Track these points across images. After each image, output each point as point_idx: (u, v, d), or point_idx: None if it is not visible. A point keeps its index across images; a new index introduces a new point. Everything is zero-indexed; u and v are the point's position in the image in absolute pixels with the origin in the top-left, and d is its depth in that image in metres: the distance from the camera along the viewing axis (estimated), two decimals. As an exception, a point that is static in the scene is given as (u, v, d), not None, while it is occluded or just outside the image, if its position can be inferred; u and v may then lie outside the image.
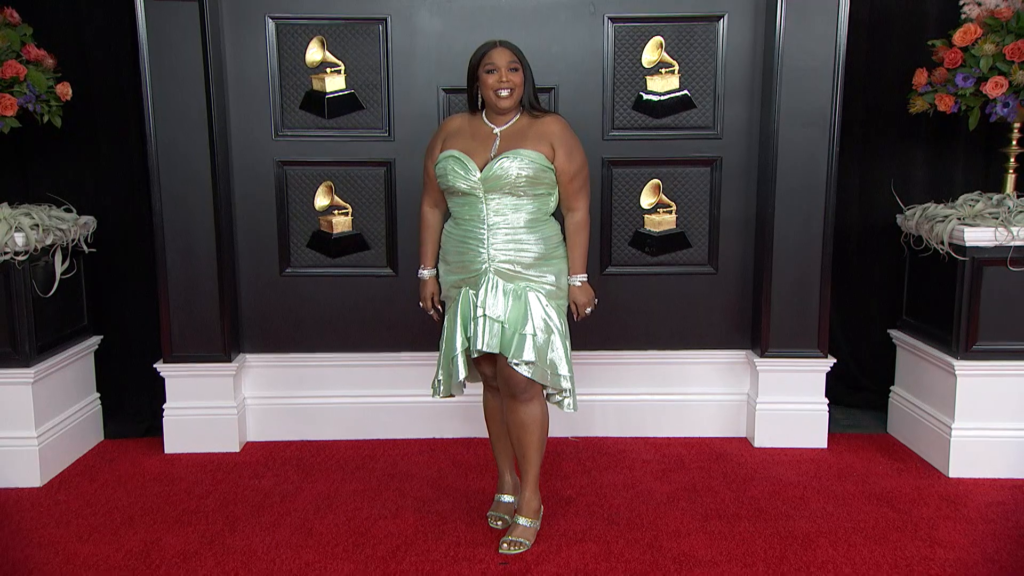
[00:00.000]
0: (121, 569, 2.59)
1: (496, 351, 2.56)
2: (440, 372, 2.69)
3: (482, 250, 2.58)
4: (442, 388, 2.69)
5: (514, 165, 2.52)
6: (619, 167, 3.43)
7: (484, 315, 2.55)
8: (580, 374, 3.24)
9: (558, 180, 2.59)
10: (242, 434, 3.50)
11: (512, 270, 2.58)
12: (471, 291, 2.61)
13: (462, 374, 2.61)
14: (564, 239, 2.66)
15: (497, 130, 2.60)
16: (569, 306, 2.67)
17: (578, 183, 2.61)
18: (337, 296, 3.49)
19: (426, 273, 2.76)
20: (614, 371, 3.53)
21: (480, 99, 2.62)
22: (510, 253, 2.58)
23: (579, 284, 2.66)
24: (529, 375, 2.56)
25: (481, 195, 2.56)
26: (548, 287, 2.61)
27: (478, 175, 2.54)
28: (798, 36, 3.23)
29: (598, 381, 3.49)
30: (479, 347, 2.56)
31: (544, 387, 2.66)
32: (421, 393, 3.41)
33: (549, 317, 2.59)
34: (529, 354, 2.54)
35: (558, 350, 2.59)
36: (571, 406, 2.67)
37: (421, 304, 2.80)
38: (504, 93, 2.55)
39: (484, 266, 2.58)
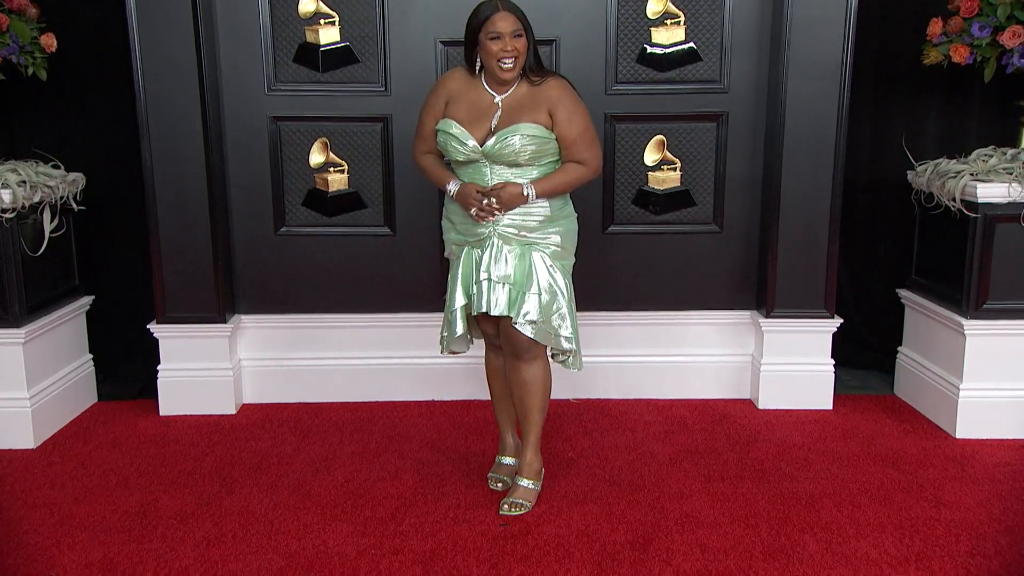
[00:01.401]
0: (117, 530, 2.61)
1: (503, 313, 2.56)
2: (444, 328, 2.73)
3: (486, 199, 2.58)
4: (445, 343, 2.74)
5: (515, 141, 2.53)
6: (622, 123, 3.41)
7: (488, 278, 2.56)
8: (582, 335, 3.13)
9: (560, 144, 2.58)
10: (238, 396, 3.51)
11: (516, 234, 2.59)
12: (474, 251, 2.63)
13: (459, 330, 2.65)
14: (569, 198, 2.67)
15: (499, 99, 2.58)
16: (491, 189, 2.54)
17: (582, 145, 2.57)
18: (334, 256, 3.49)
19: (454, 183, 2.61)
20: (616, 332, 3.54)
21: (478, 63, 2.59)
22: (516, 218, 2.58)
23: (522, 190, 2.52)
24: (532, 335, 2.58)
25: (486, 163, 2.57)
26: (553, 247, 2.62)
27: (480, 149, 2.55)
28: None
29: (600, 342, 3.50)
30: (483, 308, 2.58)
31: (548, 347, 2.67)
32: (420, 354, 3.44)
33: (554, 278, 2.61)
34: (533, 314, 2.55)
35: (562, 310, 2.61)
36: (576, 365, 2.69)
37: (477, 204, 2.52)
38: (508, 64, 2.51)
39: (488, 230, 2.59)
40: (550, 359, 2.73)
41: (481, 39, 2.54)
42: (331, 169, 3.42)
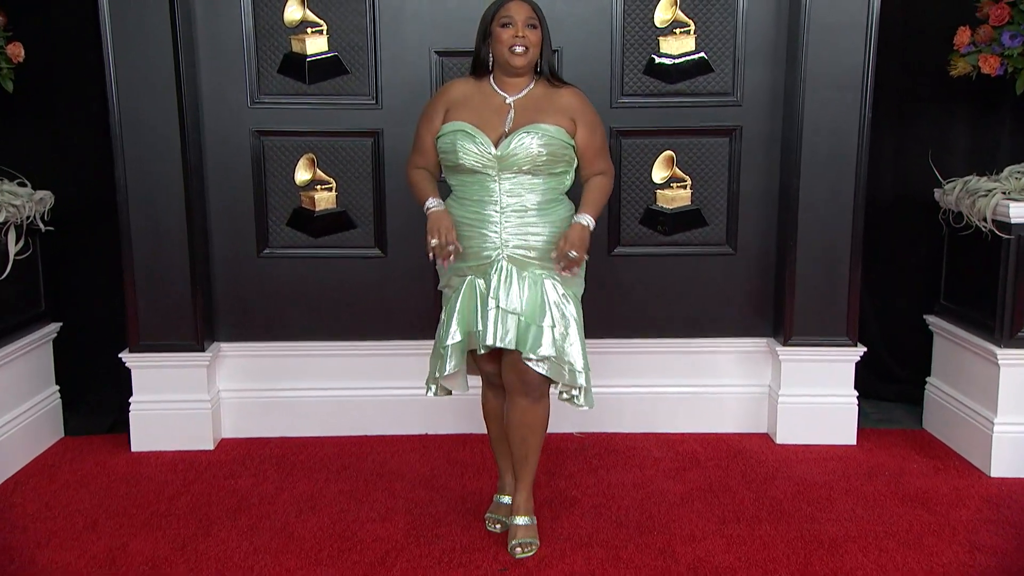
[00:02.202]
0: (83, 577, 2.56)
1: (512, 347, 2.52)
2: (434, 366, 2.67)
3: (494, 235, 2.55)
4: (431, 389, 2.69)
5: (535, 142, 2.50)
6: (629, 137, 3.41)
7: (498, 307, 2.52)
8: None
9: (579, 156, 2.59)
10: (216, 430, 3.49)
11: (525, 256, 2.56)
12: (478, 280, 2.58)
13: (449, 367, 2.58)
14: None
15: (510, 99, 2.57)
16: (558, 247, 2.51)
17: (603, 157, 2.64)
18: (320, 279, 3.48)
19: (436, 202, 2.57)
20: (623, 361, 3.52)
21: (490, 62, 2.58)
22: (523, 238, 2.55)
23: (584, 223, 2.53)
24: (545, 372, 2.55)
25: (495, 173, 2.53)
26: (565, 272, 2.58)
27: (493, 151, 2.51)
28: None
29: (605, 372, 3.43)
30: (490, 342, 2.51)
31: (554, 383, 2.63)
32: (412, 385, 3.34)
33: (565, 306, 2.58)
34: (547, 349, 2.52)
35: (575, 343, 2.58)
36: (588, 402, 2.64)
37: (436, 240, 2.50)
38: (519, 50, 2.51)
39: (496, 253, 2.56)
40: (556, 397, 2.68)
41: (493, 29, 2.54)
42: (318, 187, 3.42)
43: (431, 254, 2.55)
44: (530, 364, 2.53)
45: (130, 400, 3.43)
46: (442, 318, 2.65)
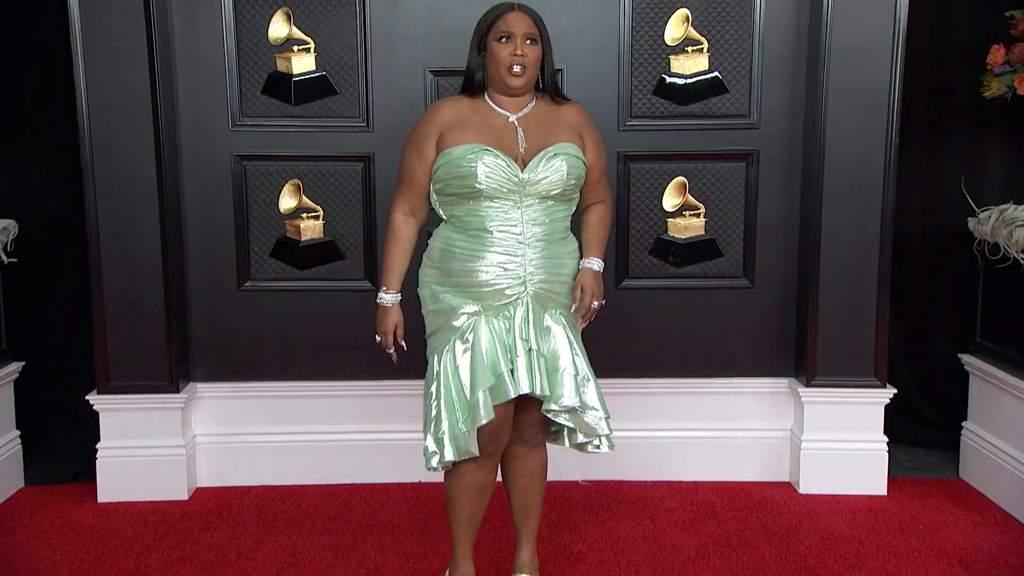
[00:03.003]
0: (41, 645, 2.49)
1: (546, 394, 2.43)
2: (442, 431, 2.43)
3: (517, 268, 2.46)
4: (450, 450, 2.42)
5: (563, 166, 2.44)
6: (637, 162, 3.40)
7: (530, 350, 2.42)
8: None
9: (586, 179, 2.55)
10: (192, 478, 3.44)
11: (549, 291, 2.49)
12: (495, 319, 2.46)
13: (482, 418, 2.38)
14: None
15: (513, 118, 2.49)
16: (576, 298, 2.51)
17: (604, 182, 2.62)
18: (306, 314, 3.46)
19: (389, 298, 2.54)
20: (632, 402, 3.48)
21: (482, 78, 2.50)
22: (550, 271, 2.49)
23: (597, 269, 2.53)
24: (565, 422, 2.50)
25: (518, 199, 2.45)
26: (580, 310, 2.56)
27: (520, 175, 2.43)
28: (850, 6, 3.18)
29: (613, 414, 3.22)
30: (526, 389, 2.39)
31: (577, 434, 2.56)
32: (405, 429, 3.36)
33: (581, 347, 2.55)
34: (571, 398, 2.46)
35: (593, 386, 2.53)
36: (609, 447, 2.59)
37: (378, 338, 2.58)
38: (517, 70, 2.43)
39: (520, 289, 2.46)
40: (575, 448, 2.62)
41: (489, 42, 2.46)
42: (304, 215, 3.41)
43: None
44: (549, 415, 2.48)
45: (97, 446, 3.39)
46: (444, 368, 2.46)
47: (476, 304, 2.47)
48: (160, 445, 3.36)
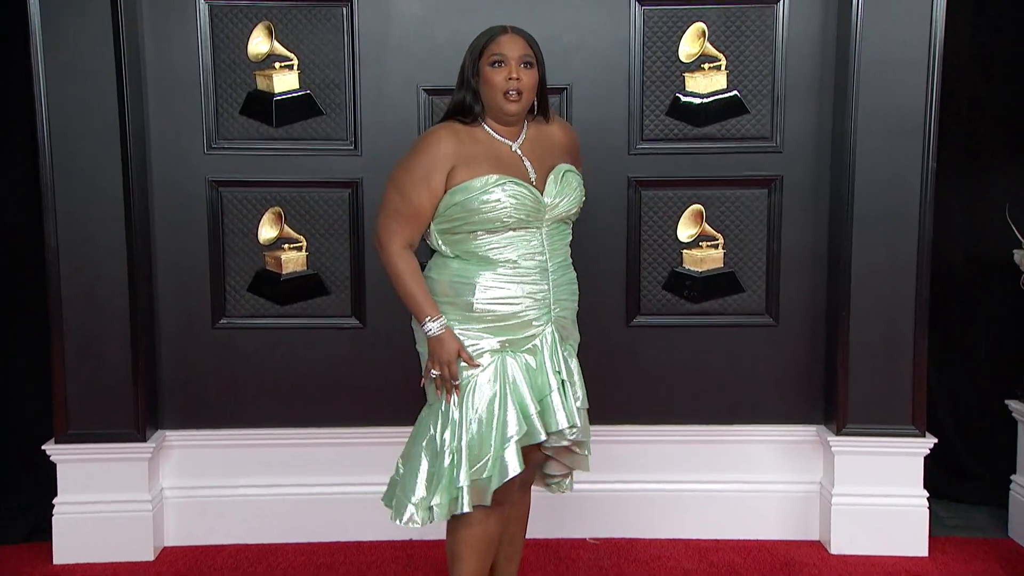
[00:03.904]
0: None
1: (578, 424, 2.51)
2: (461, 483, 2.42)
3: (544, 297, 2.52)
4: (467, 500, 2.42)
5: (575, 180, 2.57)
6: (650, 189, 3.37)
7: (562, 383, 2.50)
8: (600, 455, 3.18)
9: None
10: (159, 537, 3.37)
11: (564, 320, 2.58)
12: (521, 355, 2.49)
13: (513, 470, 2.41)
14: None
15: (515, 147, 2.54)
16: None
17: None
18: (287, 354, 3.42)
19: (439, 324, 2.47)
20: (644, 452, 3.44)
21: (479, 106, 2.51)
22: (568, 298, 2.59)
23: None
24: (554, 455, 2.59)
25: (539, 225, 2.52)
26: (578, 337, 2.66)
27: (544, 200, 2.51)
28: (881, 18, 3.14)
29: (623, 465, 3.41)
30: (566, 423, 2.46)
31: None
32: None
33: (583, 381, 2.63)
34: (583, 432, 2.55)
35: (587, 420, 2.62)
36: (569, 485, 2.73)
37: (435, 372, 2.47)
38: (513, 96, 2.46)
39: (546, 319, 2.53)
40: (540, 485, 2.74)
41: (482, 67, 2.49)
42: (285, 246, 3.38)
43: (425, 381, 2.54)
44: (548, 448, 2.55)
45: (54, 501, 3.30)
46: (464, 412, 2.46)
47: (497, 338, 2.48)
48: (124, 500, 3.29)
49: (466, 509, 2.41)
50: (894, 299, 3.24)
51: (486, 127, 2.52)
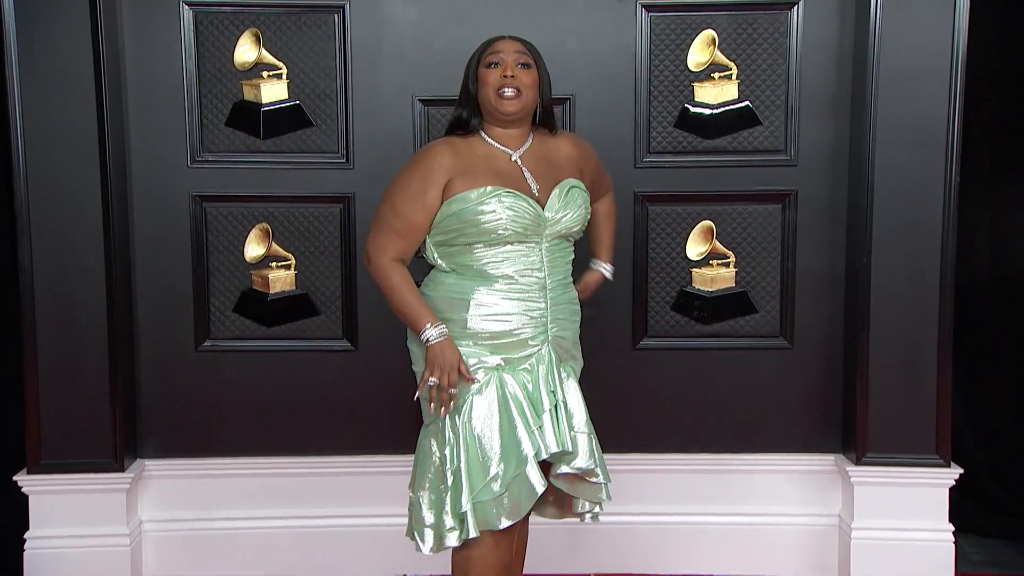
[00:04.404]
0: None
1: (570, 450, 2.48)
2: (463, 505, 2.41)
3: (541, 315, 2.51)
4: (473, 524, 2.40)
5: (580, 197, 2.55)
6: (657, 203, 3.34)
7: (556, 405, 2.49)
8: None
9: (591, 177, 2.68)
10: (137, 573, 3.33)
11: (563, 341, 2.56)
12: (519, 373, 2.49)
13: (541, 485, 2.42)
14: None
15: (515, 156, 2.53)
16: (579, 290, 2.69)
17: (606, 176, 2.78)
18: (274, 378, 3.38)
19: (438, 331, 2.45)
20: (650, 482, 3.41)
21: (476, 119, 2.53)
22: (567, 318, 2.58)
23: (608, 275, 2.82)
24: (566, 488, 2.53)
25: (538, 240, 2.51)
26: (579, 366, 2.64)
27: (544, 214, 2.49)
28: (901, 24, 3.12)
29: (629, 496, 3.34)
30: (557, 448, 2.43)
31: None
32: (389, 512, 3.22)
33: (583, 400, 2.58)
34: (585, 459, 2.50)
35: (598, 445, 2.57)
36: (594, 516, 2.67)
37: (434, 380, 2.43)
38: (509, 93, 2.46)
39: (543, 338, 2.52)
40: (555, 516, 2.69)
41: (480, 72, 2.52)
42: (273, 264, 3.35)
43: (418, 394, 2.50)
44: (558, 480, 2.51)
45: (25, 536, 3.24)
46: (463, 431, 2.44)
47: (494, 356, 2.48)
48: (100, 534, 3.23)
49: (472, 534, 2.39)
50: (916, 320, 3.21)
51: (485, 136, 2.52)
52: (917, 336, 3.21)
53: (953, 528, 3.25)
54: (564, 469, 2.45)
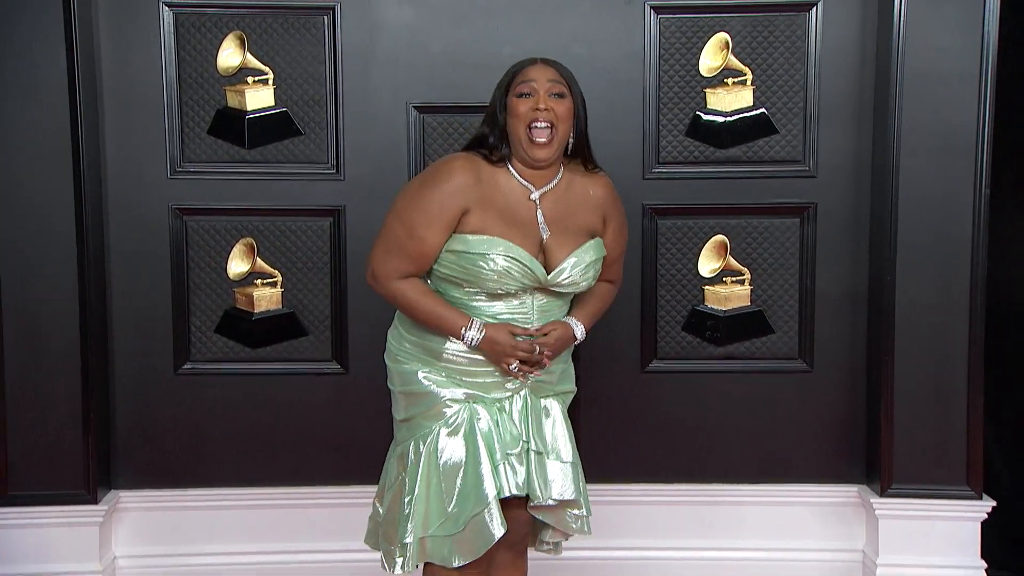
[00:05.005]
0: None
1: (562, 498, 2.49)
2: (408, 535, 2.43)
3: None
4: (415, 554, 2.43)
5: (592, 272, 2.50)
6: (667, 217, 3.33)
7: (531, 449, 2.48)
8: (611, 518, 3.19)
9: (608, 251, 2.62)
10: None
11: (547, 381, 2.55)
12: (489, 407, 2.49)
13: (499, 529, 2.41)
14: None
15: (535, 195, 2.46)
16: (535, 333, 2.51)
17: (619, 263, 2.67)
18: (259, 404, 3.36)
19: (476, 329, 2.42)
20: (660, 515, 3.39)
21: (501, 143, 2.46)
22: (556, 363, 2.56)
23: (579, 335, 2.55)
24: (546, 519, 2.52)
25: (533, 291, 2.49)
26: (569, 390, 2.63)
27: (545, 277, 2.46)
28: (927, 26, 3.10)
29: (636, 530, 3.36)
30: (517, 491, 2.43)
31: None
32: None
33: (572, 435, 2.58)
34: (570, 490, 2.50)
35: (581, 474, 2.57)
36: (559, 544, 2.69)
37: (520, 355, 2.41)
38: (542, 126, 2.39)
39: (517, 383, 2.51)
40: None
41: (509, 101, 2.44)
42: (258, 281, 3.34)
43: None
44: (536, 511, 2.51)
45: None
46: (425, 460, 2.45)
47: (463, 390, 2.48)
48: (71, 571, 3.20)
49: (411, 567, 2.43)
50: (944, 342, 3.19)
51: (511, 169, 2.46)
52: (946, 359, 3.19)
53: (985, 565, 3.24)
54: (548, 501, 2.45)
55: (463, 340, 2.42)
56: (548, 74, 2.44)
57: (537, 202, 2.46)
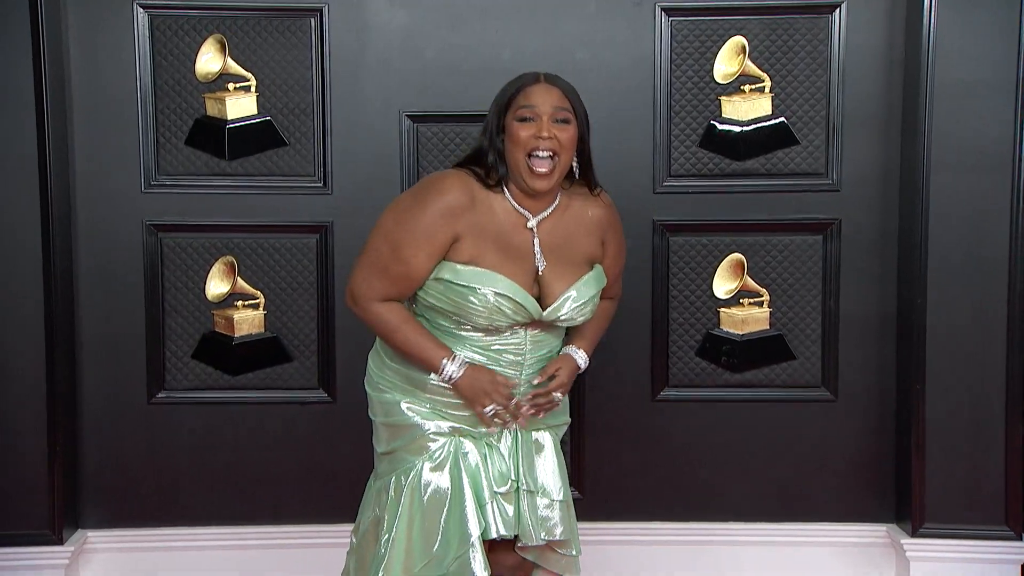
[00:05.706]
0: None
1: (550, 538, 2.49)
2: (413, 569, 2.41)
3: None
4: None
5: (590, 307, 2.47)
6: (679, 234, 3.32)
7: (522, 489, 2.47)
8: (620, 559, 3.22)
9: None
10: None
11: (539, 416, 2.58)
12: (476, 441, 2.47)
13: (482, 572, 2.39)
14: None
15: (532, 222, 2.42)
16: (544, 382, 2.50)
17: (618, 281, 2.66)
18: (239, 435, 3.35)
19: (456, 364, 2.40)
20: (673, 555, 3.36)
21: (497, 163, 2.41)
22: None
23: (581, 364, 2.55)
24: (534, 559, 2.52)
25: (524, 325, 2.47)
26: (563, 423, 2.62)
27: (540, 314, 2.43)
28: (958, 31, 3.08)
29: (648, 570, 3.33)
30: (505, 532, 2.42)
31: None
32: None
33: (563, 465, 2.58)
34: (558, 531, 2.48)
35: (573, 513, 2.57)
36: None
37: (499, 399, 2.41)
38: (543, 155, 2.34)
39: (508, 417, 2.51)
40: None
41: (508, 124, 2.39)
42: (239, 303, 3.33)
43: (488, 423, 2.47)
44: (523, 551, 2.51)
45: None
46: (406, 498, 2.42)
47: (451, 423, 2.46)
48: None
49: None
50: (980, 369, 3.17)
51: (507, 194, 2.42)
52: (981, 387, 3.17)
53: (1028, 611, 3.13)
54: (538, 541, 2.45)
55: (440, 374, 2.38)
56: (552, 98, 2.38)
57: (534, 230, 2.44)
